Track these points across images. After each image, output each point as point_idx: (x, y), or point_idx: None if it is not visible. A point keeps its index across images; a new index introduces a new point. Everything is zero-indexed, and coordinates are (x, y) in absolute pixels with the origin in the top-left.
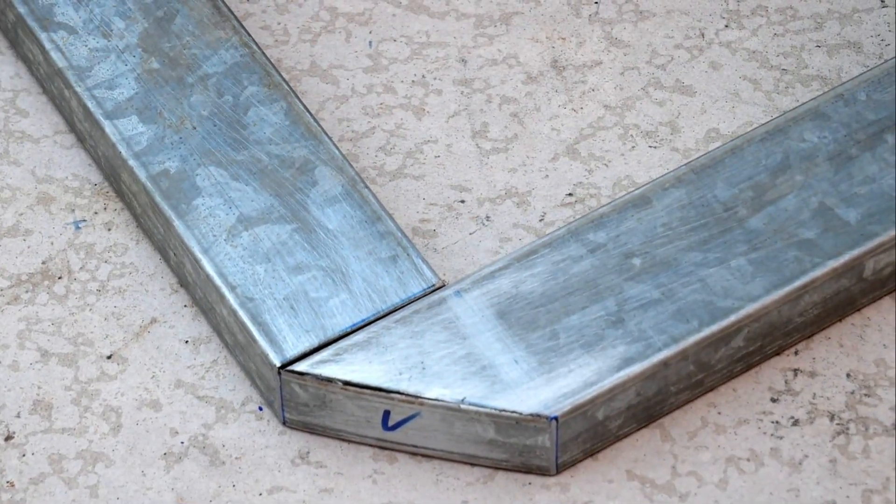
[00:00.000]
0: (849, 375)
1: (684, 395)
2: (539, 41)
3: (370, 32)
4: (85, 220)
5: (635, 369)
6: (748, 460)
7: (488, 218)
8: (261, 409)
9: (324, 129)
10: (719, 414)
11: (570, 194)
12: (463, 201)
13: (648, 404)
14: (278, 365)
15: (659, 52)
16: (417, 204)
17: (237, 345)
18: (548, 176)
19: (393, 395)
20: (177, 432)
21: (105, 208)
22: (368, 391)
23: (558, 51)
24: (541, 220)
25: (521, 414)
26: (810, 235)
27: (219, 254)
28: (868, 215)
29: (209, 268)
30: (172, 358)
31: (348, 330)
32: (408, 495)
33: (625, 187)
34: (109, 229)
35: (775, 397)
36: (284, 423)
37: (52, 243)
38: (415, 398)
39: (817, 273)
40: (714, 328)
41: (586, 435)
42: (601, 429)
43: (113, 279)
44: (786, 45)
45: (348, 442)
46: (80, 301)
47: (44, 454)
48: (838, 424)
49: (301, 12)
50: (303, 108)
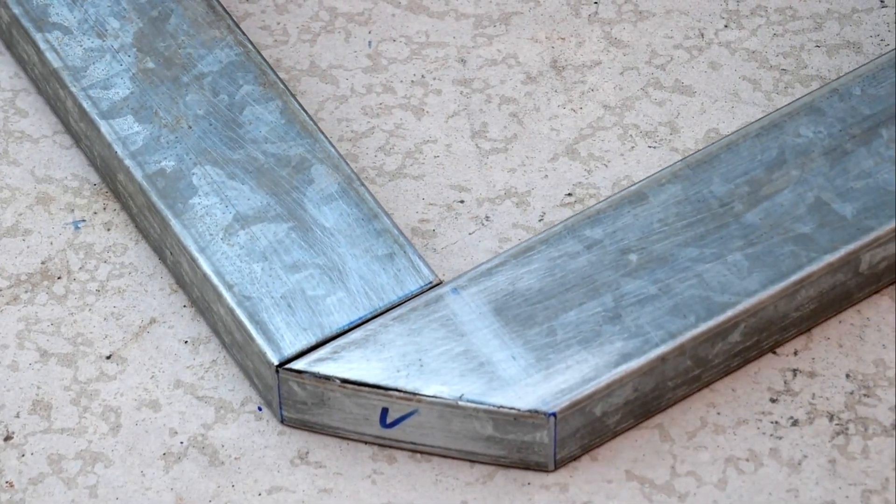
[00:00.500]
0: (848, 376)
1: (682, 391)
2: (538, 41)
3: (369, 32)
4: (84, 220)
5: (633, 365)
6: (747, 460)
7: (488, 218)
8: (260, 409)
9: (319, 128)
10: (718, 414)
11: (569, 194)
12: (462, 201)
13: (646, 400)
14: (276, 363)
15: (658, 52)
16: (417, 204)
17: (235, 344)
18: (547, 176)
19: (391, 392)
20: (176, 432)
21: (104, 208)
22: (366, 389)
23: (558, 51)
24: (540, 220)
25: (518, 410)
26: (806, 230)
27: (215, 253)
28: (864, 210)
29: (206, 267)
30: (172, 358)
31: (346, 328)
32: (407, 495)
33: (624, 187)
34: (109, 229)
35: (774, 397)
36: (283, 422)
37: (52, 243)
38: (413, 395)
39: (814, 268)
40: (711, 323)
41: (584, 431)
42: (599, 425)
43: (112, 279)
44: (785, 46)
45: (347, 440)
46: (79, 301)
47: (43, 454)
48: (837, 425)
49: (300, 12)
50: (298, 106)
